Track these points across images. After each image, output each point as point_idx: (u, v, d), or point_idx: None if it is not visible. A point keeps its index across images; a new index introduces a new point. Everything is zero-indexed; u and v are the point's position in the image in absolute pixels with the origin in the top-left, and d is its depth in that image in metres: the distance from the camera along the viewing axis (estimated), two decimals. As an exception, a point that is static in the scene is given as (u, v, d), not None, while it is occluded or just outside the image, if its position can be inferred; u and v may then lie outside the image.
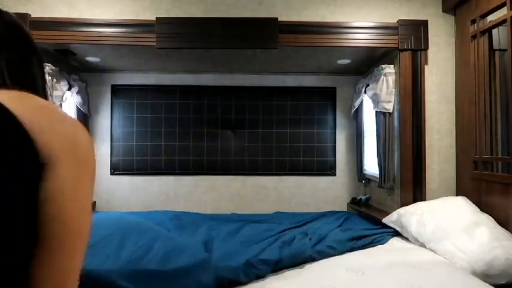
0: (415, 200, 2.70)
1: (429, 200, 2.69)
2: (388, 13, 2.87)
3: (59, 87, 2.96)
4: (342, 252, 2.26)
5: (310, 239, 2.40)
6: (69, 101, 3.26)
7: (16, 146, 0.44)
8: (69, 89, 3.11)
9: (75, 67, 3.42)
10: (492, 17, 2.42)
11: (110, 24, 2.72)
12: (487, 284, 1.72)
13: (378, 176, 3.06)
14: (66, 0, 2.80)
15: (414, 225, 2.35)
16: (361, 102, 3.42)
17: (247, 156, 3.70)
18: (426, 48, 2.77)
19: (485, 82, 2.43)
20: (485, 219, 2.22)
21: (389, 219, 2.62)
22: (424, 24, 2.77)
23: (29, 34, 0.59)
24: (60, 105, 3.00)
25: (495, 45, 2.45)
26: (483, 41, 2.47)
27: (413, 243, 2.38)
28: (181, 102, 3.69)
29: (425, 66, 2.81)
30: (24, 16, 2.65)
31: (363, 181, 3.55)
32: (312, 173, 3.71)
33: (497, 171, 2.36)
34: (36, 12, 2.74)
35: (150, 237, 2.07)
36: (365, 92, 3.20)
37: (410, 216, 2.43)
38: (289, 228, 2.75)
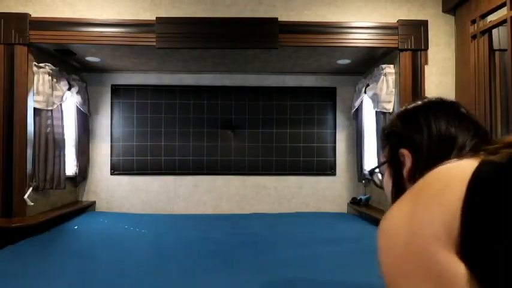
0: (415, 200, 2.69)
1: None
2: (388, 13, 2.87)
3: (59, 87, 2.96)
4: None
5: None
6: (69, 101, 3.26)
7: None
8: (69, 89, 3.11)
9: (75, 67, 3.42)
10: (492, 17, 2.42)
11: (109, 24, 2.72)
12: None
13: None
14: (67, 0, 2.79)
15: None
16: (361, 102, 3.42)
17: (247, 156, 3.70)
18: (426, 48, 2.77)
19: (485, 82, 2.43)
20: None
21: None
22: (424, 24, 2.76)
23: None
24: (60, 105, 3.00)
25: (495, 45, 2.45)
26: (483, 41, 2.47)
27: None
28: (181, 102, 3.69)
29: (425, 66, 2.81)
30: (24, 16, 2.65)
31: (363, 181, 3.54)
32: (312, 173, 3.71)
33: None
34: (36, 12, 2.74)
35: None
36: (365, 92, 3.20)
37: None
38: None
